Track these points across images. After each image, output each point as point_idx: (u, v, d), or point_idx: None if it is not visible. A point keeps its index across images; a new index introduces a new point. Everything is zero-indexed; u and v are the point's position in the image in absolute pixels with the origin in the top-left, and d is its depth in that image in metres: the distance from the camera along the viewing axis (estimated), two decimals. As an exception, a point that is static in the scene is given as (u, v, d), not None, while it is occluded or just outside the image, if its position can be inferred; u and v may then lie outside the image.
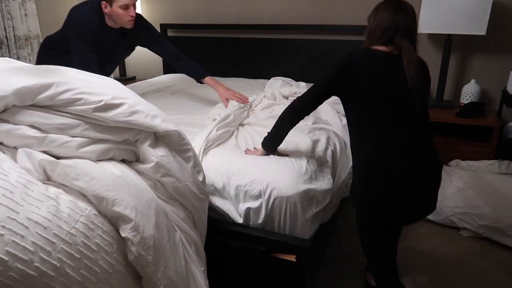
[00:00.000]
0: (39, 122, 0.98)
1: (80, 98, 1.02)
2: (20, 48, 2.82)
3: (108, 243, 0.89)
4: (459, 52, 2.71)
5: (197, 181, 1.22)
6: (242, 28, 3.17)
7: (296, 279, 1.34)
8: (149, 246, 0.93)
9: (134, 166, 1.11)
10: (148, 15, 3.53)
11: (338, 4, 2.91)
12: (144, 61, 3.70)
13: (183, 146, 1.20)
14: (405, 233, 2.12)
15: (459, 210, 2.11)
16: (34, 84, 0.97)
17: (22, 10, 2.80)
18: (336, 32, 2.89)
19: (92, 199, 0.91)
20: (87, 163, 0.98)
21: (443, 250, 1.98)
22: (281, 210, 1.35)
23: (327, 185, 1.50)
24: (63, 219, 0.83)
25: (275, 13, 3.10)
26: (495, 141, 2.35)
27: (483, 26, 2.31)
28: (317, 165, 1.53)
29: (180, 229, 1.12)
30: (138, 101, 1.13)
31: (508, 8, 2.52)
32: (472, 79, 2.60)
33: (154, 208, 1.00)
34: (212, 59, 3.32)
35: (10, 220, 0.75)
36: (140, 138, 1.11)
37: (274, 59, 3.12)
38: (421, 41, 2.77)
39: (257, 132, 1.77)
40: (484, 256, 1.92)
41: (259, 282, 1.42)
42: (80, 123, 1.02)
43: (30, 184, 0.85)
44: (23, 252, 0.73)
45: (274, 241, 1.34)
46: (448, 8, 2.36)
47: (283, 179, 1.37)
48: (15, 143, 0.96)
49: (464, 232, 2.10)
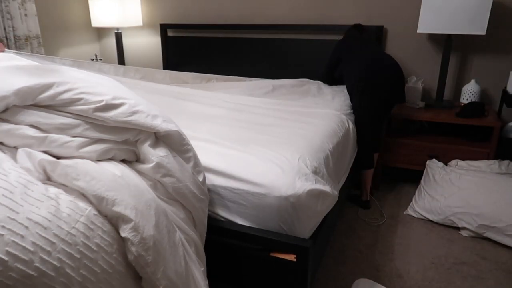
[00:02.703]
0: (40, 122, 0.98)
1: (81, 98, 1.02)
2: (20, 48, 2.82)
3: (108, 243, 0.88)
4: (459, 52, 2.71)
5: (197, 181, 1.22)
6: (242, 28, 3.17)
7: (296, 279, 1.34)
8: (149, 247, 0.93)
9: (134, 166, 1.11)
10: (148, 15, 3.53)
11: (338, 4, 2.91)
12: (144, 61, 3.70)
13: (183, 146, 1.20)
14: (405, 233, 2.12)
15: (459, 210, 2.11)
16: (35, 84, 0.97)
17: (22, 10, 2.80)
18: (336, 32, 2.89)
19: (92, 199, 0.91)
20: (88, 163, 0.98)
21: (443, 250, 1.98)
22: (280, 210, 1.35)
23: (328, 184, 1.50)
24: (63, 219, 0.83)
25: (275, 13, 3.10)
26: (495, 141, 2.35)
27: (483, 26, 2.31)
28: (318, 165, 1.53)
29: (180, 230, 1.12)
30: (139, 101, 1.13)
31: (508, 8, 2.52)
32: (472, 79, 2.60)
33: (154, 208, 1.00)
34: (212, 59, 3.32)
35: (10, 220, 0.75)
36: (140, 138, 1.11)
37: (274, 59, 3.12)
38: (421, 41, 2.77)
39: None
40: (484, 256, 1.92)
41: (259, 282, 1.42)
42: (81, 123, 1.02)
43: (30, 184, 0.85)
44: (23, 252, 0.73)
45: (274, 241, 1.34)
46: (448, 8, 2.36)
47: (283, 178, 1.37)
48: (15, 143, 0.96)
49: (464, 232, 2.10)
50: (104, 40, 3.80)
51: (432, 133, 2.65)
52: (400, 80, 2.23)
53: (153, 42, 3.60)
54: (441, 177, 2.30)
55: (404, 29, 2.78)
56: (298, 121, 1.95)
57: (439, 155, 2.46)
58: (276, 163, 1.45)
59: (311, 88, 2.71)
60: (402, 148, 2.55)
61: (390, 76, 2.20)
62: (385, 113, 2.33)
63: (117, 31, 3.49)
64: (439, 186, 2.27)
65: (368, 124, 2.24)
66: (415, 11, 2.68)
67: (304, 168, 1.44)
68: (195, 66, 3.38)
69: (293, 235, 1.37)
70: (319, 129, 1.85)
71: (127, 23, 3.31)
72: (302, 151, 1.56)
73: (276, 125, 1.88)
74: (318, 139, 1.73)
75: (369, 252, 1.97)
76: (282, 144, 1.61)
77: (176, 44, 3.44)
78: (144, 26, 3.57)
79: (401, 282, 1.75)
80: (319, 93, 2.57)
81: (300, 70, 3.02)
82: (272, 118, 1.99)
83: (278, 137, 1.69)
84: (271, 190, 1.35)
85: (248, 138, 1.70)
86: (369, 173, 2.35)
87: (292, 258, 1.32)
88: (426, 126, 2.73)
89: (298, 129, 1.83)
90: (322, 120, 1.99)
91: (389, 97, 2.24)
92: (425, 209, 2.25)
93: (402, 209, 2.38)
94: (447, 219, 2.15)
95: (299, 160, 1.48)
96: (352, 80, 2.28)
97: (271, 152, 1.53)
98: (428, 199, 2.26)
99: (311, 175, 1.44)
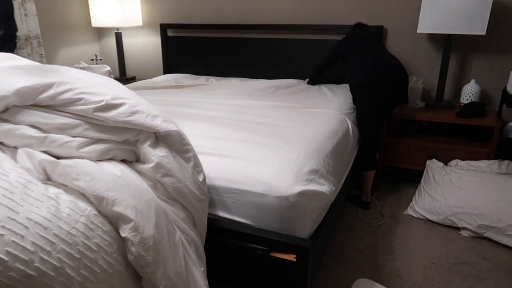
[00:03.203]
0: (40, 122, 0.98)
1: (81, 98, 1.02)
2: (20, 48, 2.82)
3: (108, 243, 0.88)
4: (459, 52, 2.71)
5: (197, 181, 1.22)
6: (242, 28, 3.17)
7: (296, 279, 1.34)
8: (149, 247, 0.93)
9: (135, 166, 1.11)
10: (148, 15, 3.53)
11: (338, 4, 2.91)
12: (144, 61, 3.70)
13: (183, 146, 1.20)
14: (405, 233, 2.12)
15: (459, 210, 2.11)
16: (35, 84, 0.97)
17: (22, 10, 2.80)
18: (336, 32, 2.89)
19: (92, 199, 0.91)
20: (88, 163, 0.98)
21: (443, 250, 1.98)
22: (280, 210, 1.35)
23: (328, 184, 1.50)
24: (63, 219, 0.83)
25: (275, 13, 3.10)
26: (495, 141, 2.35)
27: (483, 26, 2.31)
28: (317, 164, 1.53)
29: (180, 230, 1.12)
30: (139, 101, 1.13)
31: (508, 8, 2.52)
32: (472, 79, 2.61)
33: (154, 208, 1.00)
34: (212, 59, 3.32)
35: (10, 220, 0.75)
36: (140, 138, 1.11)
37: (274, 59, 3.12)
38: (421, 41, 2.77)
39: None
40: (484, 256, 1.92)
41: (259, 282, 1.42)
42: (81, 123, 1.02)
43: (30, 184, 0.85)
44: (23, 252, 0.73)
45: (274, 241, 1.34)
46: (448, 8, 2.36)
47: (283, 178, 1.37)
48: (15, 143, 0.96)
49: (464, 232, 2.10)
50: (104, 40, 3.80)
51: (432, 133, 2.65)
52: (402, 81, 2.22)
53: (153, 42, 3.60)
54: (441, 177, 2.30)
55: (404, 29, 2.78)
56: (298, 121, 1.95)
57: (439, 155, 2.46)
58: (276, 163, 1.45)
59: (310, 88, 2.71)
60: (402, 148, 2.55)
61: (392, 76, 2.19)
62: (387, 113, 2.33)
63: (117, 31, 3.49)
64: (439, 186, 2.27)
65: (369, 125, 2.24)
66: (415, 11, 2.68)
67: (303, 168, 1.44)
68: (195, 66, 3.38)
69: (293, 235, 1.37)
70: (318, 129, 1.85)
71: (127, 23, 3.31)
72: (302, 151, 1.56)
73: (276, 125, 1.87)
74: (318, 139, 1.73)
75: (369, 252, 1.97)
76: (282, 144, 1.61)
77: (176, 44, 3.44)
78: (144, 26, 3.57)
79: (401, 282, 1.75)
80: (319, 93, 2.57)
81: (300, 70, 3.02)
82: (272, 118, 1.99)
83: (278, 137, 1.69)
84: (271, 190, 1.35)
85: (248, 138, 1.70)
86: (371, 174, 2.34)
87: (292, 258, 1.32)
88: (426, 126, 2.73)
89: (297, 129, 1.83)
90: (322, 120, 1.99)
91: (391, 97, 2.24)
92: (425, 209, 2.25)
93: (402, 209, 2.38)
94: (447, 219, 2.15)
95: (299, 160, 1.48)
96: (354, 80, 2.28)
97: (270, 152, 1.53)
98: (428, 199, 2.26)
99: (311, 175, 1.44)
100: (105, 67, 3.31)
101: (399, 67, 2.21)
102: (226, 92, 2.58)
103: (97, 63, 3.48)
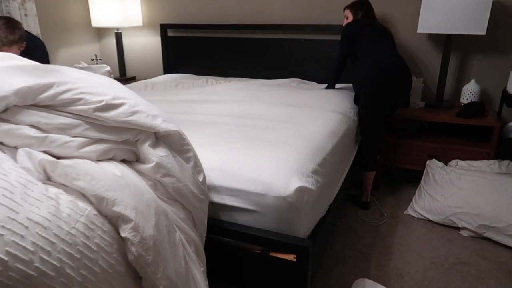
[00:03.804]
0: (40, 122, 0.98)
1: (81, 98, 1.02)
2: (20, 48, 2.82)
3: (108, 243, 0.88)
4: (459, 52, 2.71)
5: (197, 181, 1.22)
6: (242, 28, 3.17)
7: (296, 279, 1.34)
8: (149, 247, 0.93)
9: (135, 166, 1.11)
10: (148, 15, 3.53)
11: (338, 4, 2.91)
12: (144, 61, 3.70)
13: (183, 146, 1.20)
14: (405, 233, 2.12)
15: (459, 210, 2.11)
16: (35, 84, 0.97)
17: (22, 10, 2.80)
18: (336, 32, 2.89)
19: (92, 199, 0.91)
20: (88, 163, 0.98)
21: (443, 250, 1.98)
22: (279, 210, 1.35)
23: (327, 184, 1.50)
24: (63, 219, 0.83)
25: (275, 13, 3.10)
26: (495, 141, 2.35)
27: (483, 26, 2.32)
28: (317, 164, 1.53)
29: (180, 230, 1.12)
30: (139, 101, 1.13)
31: (508, 8, 2.52)
32: (472, 79, 2.61)
33: (154, 208, 1.00)
34: (212, 59, 3.32)
35: (10, 220, 0.75)
36: (140, 138, 1.11)
37: (274, 59, 3.12)
38: (421, 41, 2.77)
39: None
40: (484, 256, 1.92)
41: (259, 282, 1.42)
42: (81, 123, 1.02)
43: (30, 184, 0.85)
44: (23, 252, 0.73)
45: (274, 241, 1.34)
46: (448, 8, 2.36)
47: (281, 178, 1.37)
48: (15, 143, 0.96)
49: (464, 232, 2.10)
50: (104, 40, 3.80)
51: (432, 133, 2.65)
52: (407, 83, 2.21)
53: (153, 42, 3.60)
54: (441, 177, 2.31)
55: (404, 29, 2.78)
56: (297, 121, 1.94)
57: (439, 155, 2.46)
58: (275, 163, 1.45)
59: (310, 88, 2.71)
60: (402, 148, 2.55)
61: (397, 78, 2.17)
62: (389, 114, 2.33)
63: (117, 31, 3.49)
64: (439, 186, 2.27)
65: (371, 125, 2.24)
66: (415, 11, 2.68)
67: (303, 168, 1.44)
68: (195, 66, 3.38)
69: (292, 235, 1.37)
70: (318, 129, 1.85)
71: (127, 23, 3.31)
72: (302, 151, 1.56)
73: (275, 125, 1.87)
74: (318, 139, 1.73)
75: (369, 252, 1.97)
76: (281, 144, 1.61)
77: (176, 44, 3.44)
78: (144, 26, 3.58)
79: (401, 282, 1.75)
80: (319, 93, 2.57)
81: (300, 70, 3.02)
82: (271, 118, 1.99)
83: (277, 137, 1.69)
84: (270, 190, 1.35)
85: (247, 139, 1.70)
86: (371, 175, 2.34)
87: (292, 258, 1.33)
88: (426, 126, 2.72)
89: (297, 129, 1.82)
90: (322, 120, 1.99)
91: (394, 99, 2.23)
92: (425, 209, 2.25)
93: (402, 209, 2.38)
94: (447, 219, 2.15)
95: (298, 160, 1.48)
96: (359, 80, 2.26)
97: (270, 153, 1.53)
98: (428, 199, 2.26)
99: (310, 175, 1.44)
100: (105, 67, 3.31)
101: (405, 69, 2.19)
102: (225, 91, 2.58)
103: (97, 63, 3.48)
